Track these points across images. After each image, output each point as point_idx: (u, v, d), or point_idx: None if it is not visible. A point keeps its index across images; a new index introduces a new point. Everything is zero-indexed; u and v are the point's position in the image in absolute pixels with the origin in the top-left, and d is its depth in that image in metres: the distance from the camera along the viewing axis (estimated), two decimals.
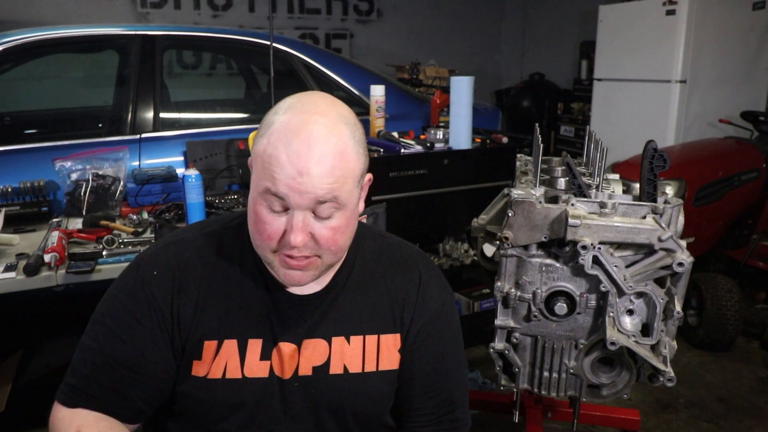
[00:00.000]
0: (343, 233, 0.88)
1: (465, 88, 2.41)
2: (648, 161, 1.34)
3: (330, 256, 0.89)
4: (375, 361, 0.99)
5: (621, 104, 4.24)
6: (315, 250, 0.87)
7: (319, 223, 0.85)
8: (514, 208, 1.39)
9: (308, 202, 0.83)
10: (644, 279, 1.34)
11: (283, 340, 0.95)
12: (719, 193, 3.06)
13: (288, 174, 0.81)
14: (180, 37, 2.83)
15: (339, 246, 0.89)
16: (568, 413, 2.02)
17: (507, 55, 6.88)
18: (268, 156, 0.83)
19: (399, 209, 2.26)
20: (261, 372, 0.94)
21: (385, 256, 1.04)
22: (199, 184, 1.94)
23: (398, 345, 1.01)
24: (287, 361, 0.95)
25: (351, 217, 0.90)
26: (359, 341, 0.98)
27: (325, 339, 0.97)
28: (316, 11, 5.82)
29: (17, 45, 2.39)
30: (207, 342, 0.93)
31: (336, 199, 0.84)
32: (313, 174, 0.81)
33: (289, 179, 0.81)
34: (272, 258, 0.88)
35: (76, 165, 2.20)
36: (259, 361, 0.94)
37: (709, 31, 3.75)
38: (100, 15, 4.90)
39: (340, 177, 0.84)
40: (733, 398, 2.41)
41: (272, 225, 0.85)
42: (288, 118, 0.84)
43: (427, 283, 1.04)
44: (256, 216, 0.86)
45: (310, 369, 0.96)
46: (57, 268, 1.64)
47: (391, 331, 1.00)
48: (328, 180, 0.82)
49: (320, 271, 0.91)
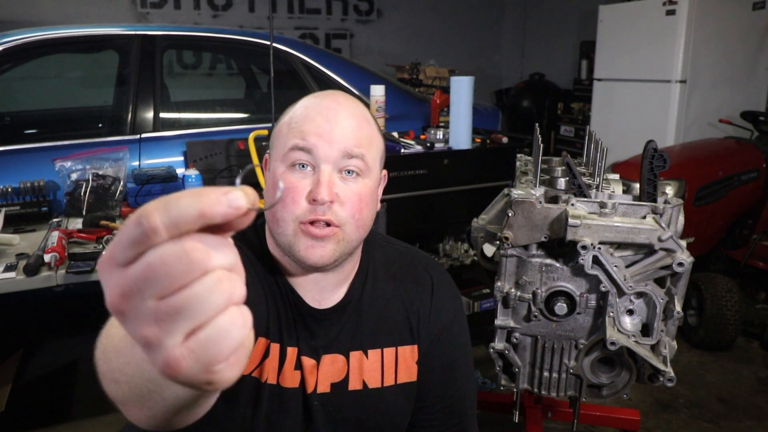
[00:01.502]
0: (367, 205, 0.86)
1: (465, 88, 2.41)
2: (648, 161, 1.34)
3: (352, 227, 0.85)
4: (393, 374, 0.96)
5: (621, 104, 4.24)
6: (338, 216, 0.83)
7: (344, 184, 0.84)
8: (514, 208, 1.39)
9: (336, 153, 0.82)
10: (644, 279, 1.34)
11: (304, 354, 0.92)
12: (719, 193, 3.05)
13: (318, 124, 0.82)
14: (180, 37, 2.82)
15: (363, 217, 0.86)
16: (568, 413, 2.02)
17: (507, 55, 6.88)
18: (295, 118, 0.85)
19: (399, 209, 2.26)
20: (293, 382, 0.91)
21: (395, 264, 1.02)
22: (199, 184, 1.94)
23: (416, 356, 0.98)
24: (308, 377, 0.92)
25: (373, 193, 0.89)
26: (377, 355, 0.96)
27: (342, 354, 0.94)
28: (316, 11, 5.82)
29: (17, 45, 2.39)
30: (261, 338, 0.89)
31: (363, 158, 0.84)
32: (343, 125, 0.83)
33: (318, 128, 0.82)
34: (295, 230, 0.83)
35: (76, 165, 2.20)
36: (293, 371, 0.91)
37: (709, 31, 3.75)
38: (100, 15, 4.90)
39: (367, 136, 0.86)
40: (733, 398, 2.41)
41: (296, 189, 0.82)
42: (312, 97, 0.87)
43: (440, 291, 1.02)
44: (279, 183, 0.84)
45: (328, 386, 0.93)
46: (57, 268, 1.64)
47: (408, 342, 0.98)
48: (356, 133, 0.84)
49: (341, 249, 0.85)
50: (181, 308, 0.34)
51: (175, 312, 0.34)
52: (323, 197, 0.80)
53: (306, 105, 0.86)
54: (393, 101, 2.71)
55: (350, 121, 0.84)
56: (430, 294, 1.01)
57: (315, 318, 0.92)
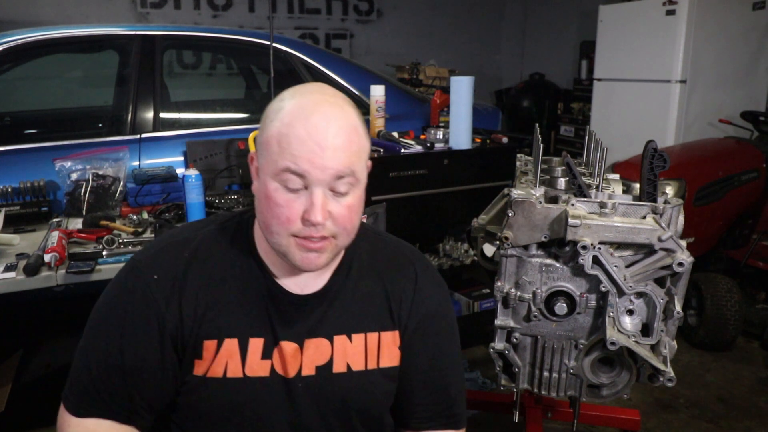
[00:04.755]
0: (357, 212, 0.90)
1: (465, 88, 2.41)
2: (648, 161, 1.34)
3: (344, 236, 0.89)
4: (376, 358, 1.00)
5: (621, 104, 4.24)
6: (332, 230, 0.87)
7: (335, 201, 0.86)
8: (514, 208, 1.39)
9: (329, 177, 0.84)
10: (644, 279, 1.34)
11: (284, 339, 0.95)
12: (719, 193, 3.05)
13: (309, 149, 0.83)
14: (180, 37, 2.82)
15: (353, 225, 0.90)
16: (568, 413, 2.02)
17: (507, 55, 6.88)
18: (284, 135, 0.84)
19: (399, 209, 2.26)
20: (262, 371, 0.94)
21: (380, 254, 1.05)
22: (199, 184, 1.94)
23: (397, 342, 1.02)
24: (290, 361, 0.95)
25: (362, 197, 0.91)
26: (361, 339, 0.99)
27: (326, 338, 0.97)
28: (316, 11, 5.81)
29: (17, 45, 2.39)
30: (207, 341, 0.93)
31: (354, 174, 0.86)
32: (333, 147, 0.83)
33: (310, 154, 0.83)
34: (289, 242, 0.87)
35: (76, 165, 2.20)
36: (260, 360, 0.94)
37: (709, 31, 3.75)
38: (100, 15, 4.90)
39: (357, 151, 0.86)
40: (733, 398, 2.41)
41: (290, 207, 0.85)
42: (299, 101, 0.86)
43: (423, 282, 1.04)
44: (271, 201, 0.85)
45: (313, 369, 0.96)
46: (57, 268, 1.64)
47: (390, 328, 1.01)
48: (346, 153, 0.84)
49: (333, 254, 0.90)
50: None
51: None
52: (318, 220, 0.83)
53: (294, 116, 0.84)
54: (393, 101, 2.71)
55: (340, 139, 0.84)
56: (414, 283, 1.03)
57: (296, 304, 0.96)
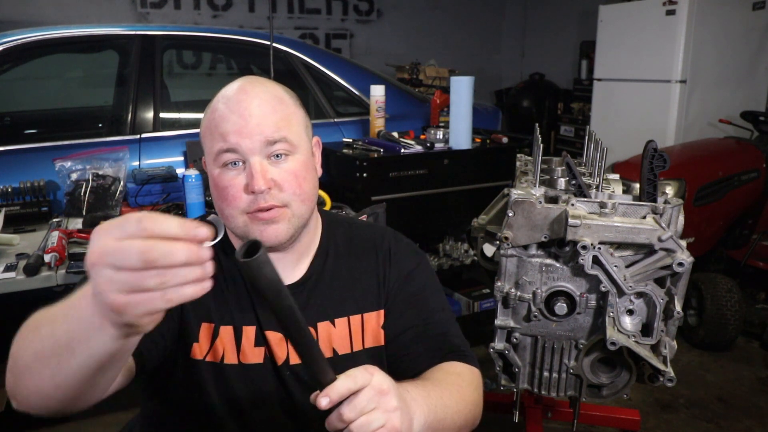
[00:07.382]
0: (304, 178, 0.91)
1: (465, 88, 2.41)
2: (648, 161, 1.34)
3: (297, 203, 0.91)
4: (361, 339, 1.02)
5: (621, 104, 4.24)
6: (281, 198, 0.89)
7: (276, 168, 0.89)
8: (514, 208, 1.39)
9: (259, 144, 0.87)
10: (644, 279, 1.34)
11: (268, 329, 0.97)
12: (719, 193, 3.05)
13: (233, 122, 0.87)
14: (180, 37, 2.83)
15: (304, 191, 0.91)
16: (568, 413, 2.02)
17: (507, 55, 6.88)
18: (212, 121, 0.89)
19: (399, 209, 2.26)
20: (256, 358, 0.96)
21: (355, 239, 1.08)
22: (199, 184, 1.94)
23: (381, 321, 1.03)
24: (276, 350, 0.97)
25: (308, 165, 0.93)
26: (344, 322, 1.01)
27: (310, 326, 0.98)
28: (316, 11, 5.82)
29: (17, 45, 2.39)
30: (205, 324, 0.94)
31: (285, 139, 0.89)
32: (256, 114, 0.87)
33: (235, 126, 0.87)
34: (244, 221, 0.90)
35: (76, 165, 2.20)
36: (254, 348, 0.96)
37: (709, 31, 3.75)
38: (100, 15, 4.90)
39: (284, 117, 0.89)
40: (733, 398, 2.41)
41: (234, 185, 0.88)
42: (222, 91, 0.91)
43: (397, 251, 1.07)
44: (218, 186, 0.90)
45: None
46: (57, 268, 1.64)
47: (374, 308, 1.03)
48: (271, 118, 0.88)
49: (293, 225, 0.91)
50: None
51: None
52: (260, 186, 0.86)
53: (220, 102, 0.90)
54: (393, 101, 2.71)
55: (262, 108, 0.88)
56: (389, 257, 1.06)
57: None
